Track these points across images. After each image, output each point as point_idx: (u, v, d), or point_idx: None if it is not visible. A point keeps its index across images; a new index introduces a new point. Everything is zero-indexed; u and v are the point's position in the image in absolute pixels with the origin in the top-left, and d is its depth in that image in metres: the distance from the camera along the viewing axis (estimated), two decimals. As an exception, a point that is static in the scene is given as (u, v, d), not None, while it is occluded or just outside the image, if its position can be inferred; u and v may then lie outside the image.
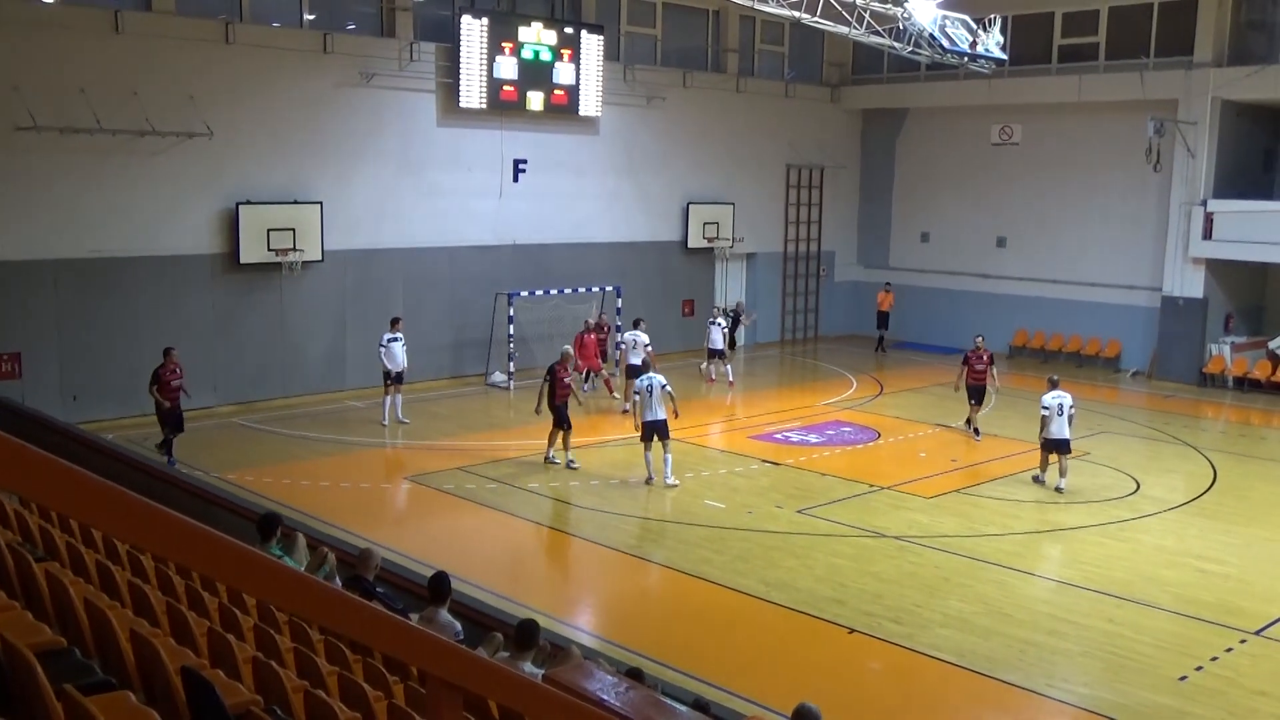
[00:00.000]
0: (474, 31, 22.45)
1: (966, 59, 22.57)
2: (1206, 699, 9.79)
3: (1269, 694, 9.95)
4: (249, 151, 20.07)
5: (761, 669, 10.42)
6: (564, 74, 23.83)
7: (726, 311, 25.41)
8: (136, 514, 2.56)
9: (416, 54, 22.14)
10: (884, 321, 29.21)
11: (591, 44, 24.16)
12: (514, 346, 22.83)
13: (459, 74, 22.41)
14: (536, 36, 23.39)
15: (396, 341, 19.07)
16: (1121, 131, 25.76)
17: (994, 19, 22.61)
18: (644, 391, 15.96)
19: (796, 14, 20.52)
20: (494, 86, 22.85)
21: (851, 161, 31.55)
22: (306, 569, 8.32)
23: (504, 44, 22.87)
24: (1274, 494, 16.78)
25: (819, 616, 11.47)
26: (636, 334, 21.03)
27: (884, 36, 21.86)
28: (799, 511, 14.98)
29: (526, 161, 23.95)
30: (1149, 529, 14.74)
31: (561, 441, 16.81)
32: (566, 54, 23.78)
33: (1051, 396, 16.32)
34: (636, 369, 18.79)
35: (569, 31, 23.91)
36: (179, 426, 16.29)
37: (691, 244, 27.44)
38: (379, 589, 8.61)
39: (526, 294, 23.27)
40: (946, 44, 21.49)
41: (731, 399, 23.13)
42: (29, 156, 17.66)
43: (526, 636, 7.33)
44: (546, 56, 23.53)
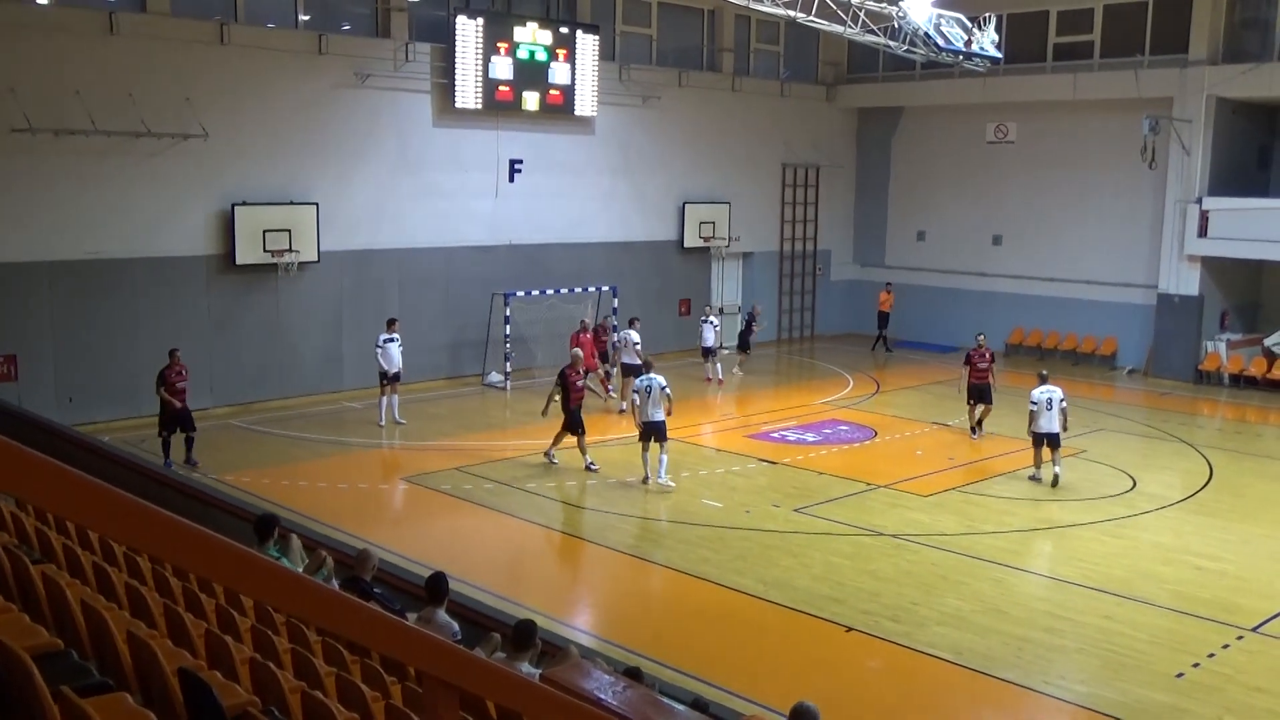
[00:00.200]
0: (469, 32, 22.44)
1: (962, 57, 22.61)
2: (1203, 696, 9.80)
3: (1266, 690, 9.96)
4: (245, 153, 20.04)
5: (759, 668, 10.42)
6: (559, 74, 23.81)
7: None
8: (133, 516, 2.56)
9: (412, 54, 22.12)
10: (884, 321, 29.23)
11: (587, 44, 24.15)
12: (511, 346, 22.82)
13: (454, 74, 22.39)
14: (532, 36, 23.37)
15: (392, 342, 19.10)
16: (1117, 129, 25.81)
17: (989, 17, 22.68)
18: (642, 392, 15.99)
19: (792, 13, 20.54)
20: (489, 87, 22.83)
21: (847, 160, 31.56)
22: (304, 571, 8.32)
23: (499, 44, 22.86)
24: (1270, 491, 16.81)
25: (817, 615, 11.47)
26: (628, 333, 21.19)
27: (879, 35, 21.88)
28: (796, 510, 15.00)
29: (522, 161, 23.94)
30: (1146, 526, 14.77)
31: (578, 445, 16.74)
32: (562, 54, 23.77)
33: (1040, 391, 16.40)
34: (635, 368, 18.81)
35: (564, 31, 23.89)
36: (191, 425, 16.31)
37: (687, 243, 27.44)
38: (376, 590, 8.61)
39: (523, 294, 23.25)
40: (942, 42, 21.52)
41: (721, 397, 23.15)
42: (24, 159, 17.62)
43: (524, 636, 7.33)
44: (542, 56, 23.51)
